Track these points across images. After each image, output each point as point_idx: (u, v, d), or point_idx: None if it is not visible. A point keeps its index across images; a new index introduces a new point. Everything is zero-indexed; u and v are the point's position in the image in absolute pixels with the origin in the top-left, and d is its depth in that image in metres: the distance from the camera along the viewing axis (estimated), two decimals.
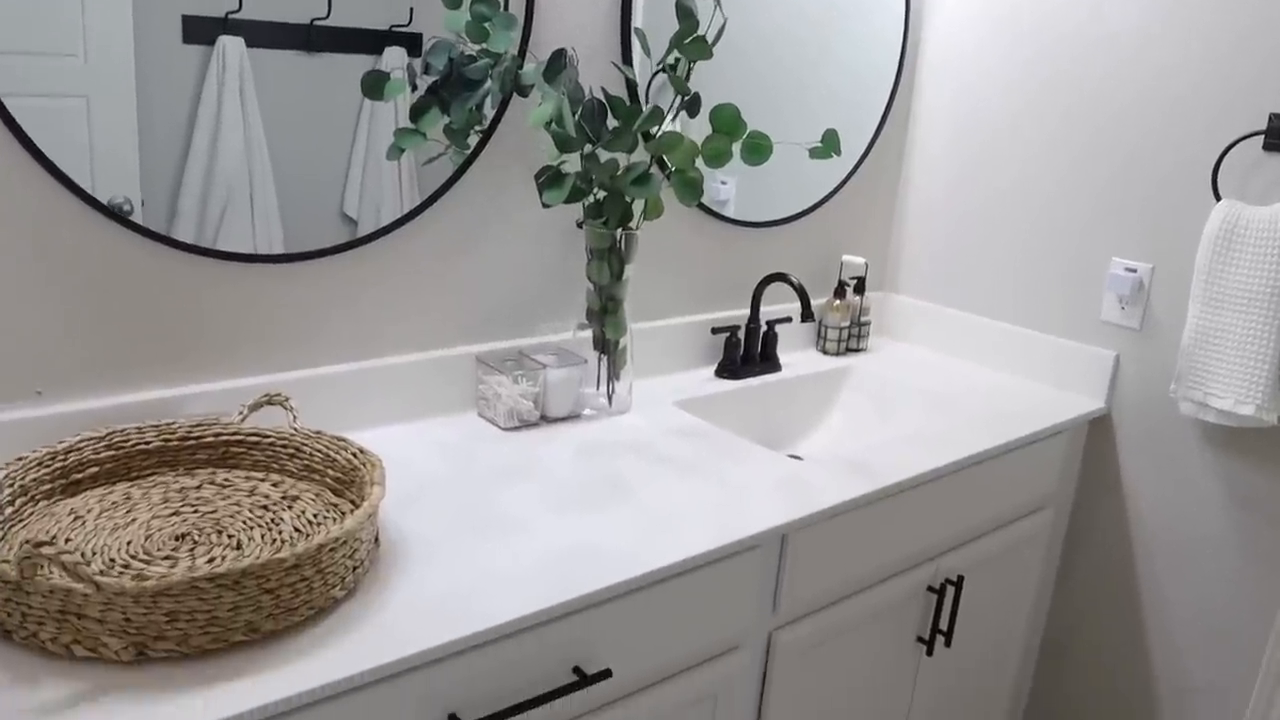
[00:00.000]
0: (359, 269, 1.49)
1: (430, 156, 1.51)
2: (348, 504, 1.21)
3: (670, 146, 1.53)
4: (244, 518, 1.15)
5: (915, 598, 1.67)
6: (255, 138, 1.34)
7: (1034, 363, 2.03)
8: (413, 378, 1.56)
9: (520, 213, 1.65)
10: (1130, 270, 1.86)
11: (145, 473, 1.23)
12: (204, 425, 1.27)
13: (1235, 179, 1.71)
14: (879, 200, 2.25)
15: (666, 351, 1.91)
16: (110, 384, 1.29)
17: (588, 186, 1.55)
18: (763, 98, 1.91)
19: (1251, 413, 1.63)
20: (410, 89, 1.46)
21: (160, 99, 1.25)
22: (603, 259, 1.61)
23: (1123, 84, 1.84)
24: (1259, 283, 1.61)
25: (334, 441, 1.25)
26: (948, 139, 2.15)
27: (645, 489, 1.39)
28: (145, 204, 1.26)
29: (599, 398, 1.69)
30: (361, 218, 1.46)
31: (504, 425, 1.58)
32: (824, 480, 1.46)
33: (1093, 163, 1.90)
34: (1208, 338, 1.68)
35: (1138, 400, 1.89)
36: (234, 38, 1.29)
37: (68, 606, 0.90)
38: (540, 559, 1.17)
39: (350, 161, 1.44)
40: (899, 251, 2.30)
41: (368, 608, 1.05)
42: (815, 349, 2.17)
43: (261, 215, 1.37)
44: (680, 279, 1.92)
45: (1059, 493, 1.97)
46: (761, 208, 2.01)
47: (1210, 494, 1.81)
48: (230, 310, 1.37)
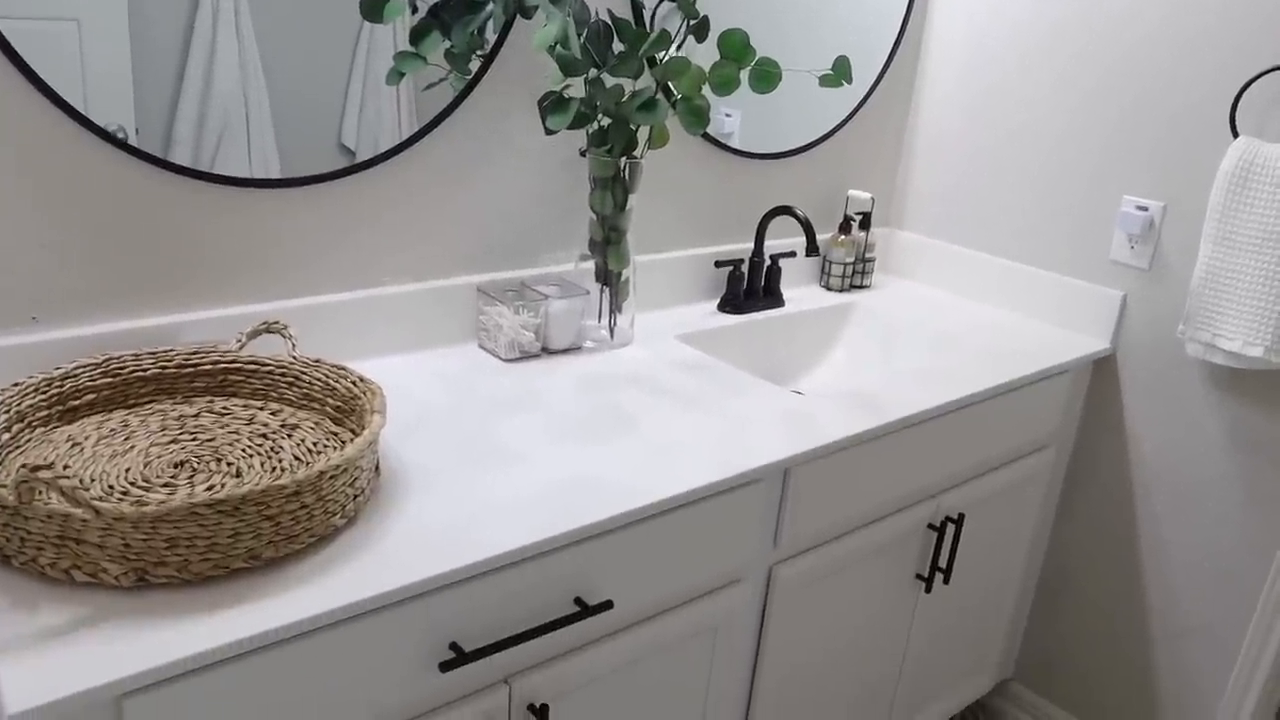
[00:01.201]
0: (357, 196, 1.46)
1: (430, 82, 1.48)
2: (348, 433, 1.20)
3: (677, 72, 1.49)
4: (243, 446, 1.14)
5: (915, 535, 1.67)
6: (250, 64, 1.30)
7: (1040, 302, 2.01)
8: (412, 308, 1.54)
9: (522, 140, 1.62)
10: (1141, 209, 1.83)
11: (143, 400, 1.22)
12: (201, 353, 1.25)
13: (1254, 116, 1.67)
14: (887, 134, 2.21)
15: (669, 284, 1.89)
16: (106, 310, 1.27)
17: (592, 113, 1.52)
18: (771, 26, 1.87)
19: (1260, 354, 1.61)
20: (410, 11, 1.42)
21: (153, 23, 1.21)
22: (606, 188, 1.58)
23: (1137, 18, 1.79)
24: (1274, 223, 1.58)
25: (333, 370, 1.23)
26: (959, 73, 2.11)
27: (647, 421, 1.38)
28: (140, 131, 1.23)
29: (600, 330, 1.67)
30: (360, 147, 1.43)
31: (505, 356, 1.56)
32: (827, 415, 1.45)
33: (1105, 100, 1.87)
34: (1218, 278, 1.66)
35: (1144, 341, 1.87)
36: None
37: (66, 532, 0.89)
38: (541, 489, 1.17)
39: (348, 88, 1.40)
40: (905, 187, 2.26)
41: (369, 536, 1.04)
42: (819, 285, 2.15)
43: (258, 143, 1.34)
44: (684, 211, 1.89)
45: (1061, 432, 1.97)
46: (767, 140, 1.97)
47: (1213, 436, 1.80)
48: (227, 236, 1.35)
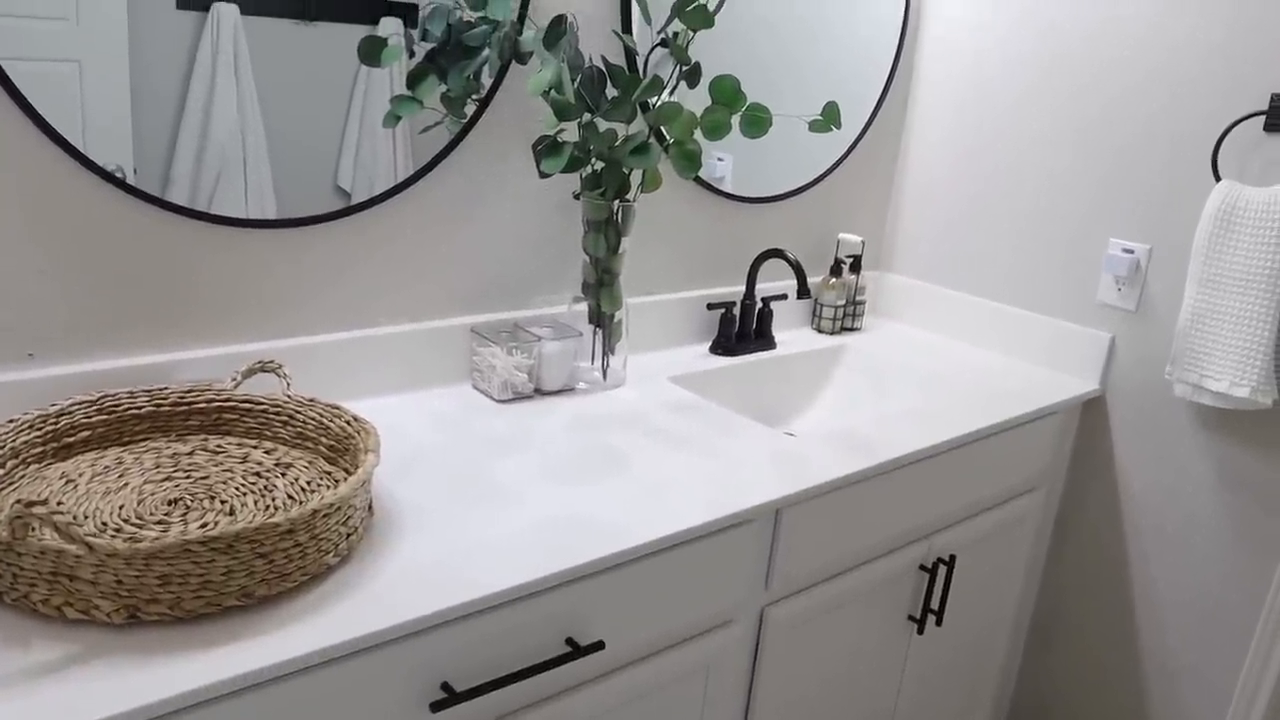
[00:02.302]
0: (353, 237, 1.47)
1: (427, 125, 1.50)
2: (341, 472, 1.20)
3: (669, 117, 1.52)
4: (237, 484, 1.14)
5: (907, 576, 1.68)
6: (249, 106, 1.32)
7: (1029, 344, 2.03)
8: (407, 348, 1.55)
9: (517, 183, 1.64)
10: (1128, 251, 1.85)
11: (137, 438, 1.22)
12: (197, 391, 1.26)
13: (1235, 160, 1.70)
14: (876, 179, 2.24)
15: (662, 326, 1.91)
16: (102, 348, 1.28)
17: (586, 156, 1.54)
18: (762, 73, 1.90)
19: (1247, 395, 1.63)
20: (407, 55, 1.44)
21: (153, 65, 1.23)
22: (599, 231, 1.60)
23: (1126, 66, 1.83)
24: (1257, 264, 1.61)
25: (328, 409, 1.24)
26: (947, 119, 2.14)
27: (639, 462, 1.39)
28: (138, 171, 1.25)
29: (593, 371, 1.68)
30: (355, 189, 1.45)
31: (498, 397, 1.57)
32: (818, 456, 1.46)
33: (1093, 144, 1.90)
34: (1204, 319, 1.68)
35: (1132, 382, 1.89)
36: (228, 4, 1.27)
37: (59, 568, 0.89)
38: (534, 529, 1.17)
39: (345, 131, 1.42)
40: (895, 230, 2.29)
41: (361, 574, 1.04)
42: (810, 327, 2.17)
43: (255, 184, 1.35)
44: (677, 254, 1.91)
45: (1051, 473, 1.98)
46: (759, 183, 2.00)
47: (1202, 476, 1.81)
48: (224, 276, 1.36)
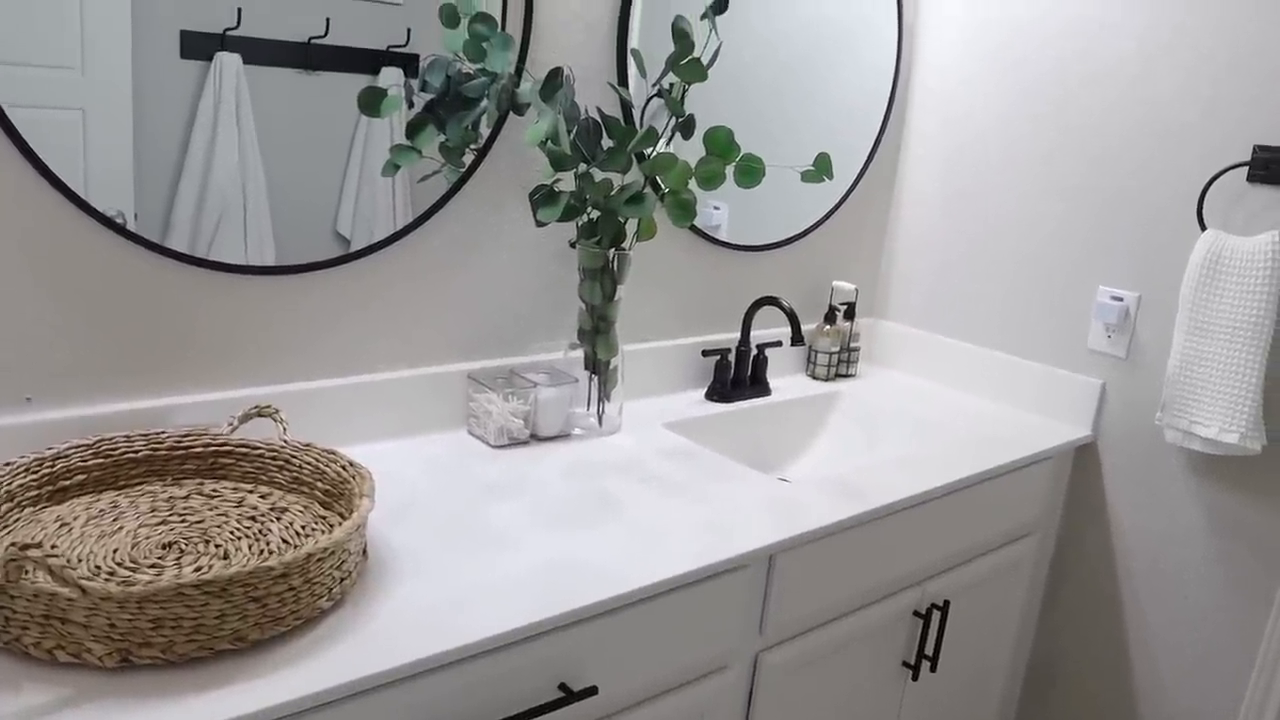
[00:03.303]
0: (351, 284, 1.49)
1: (425, 174, 1.52)
2: (336, 516, 1.21)
3: (664, 167, 1.54)
4: (231, 528, 1.15)
5: (901, 622, 1.67)
6: (250, 154, 1.34)
7: (1021, 390, 2.04)
8: (404, 394, 1.56)
9: (514, 231, 1.66)
10: (1117, 299, 1.87)
11: (133, 482, 1.23)
12: (193, 435, 1.27)
13: (1220, 210, 1.73)
14: (869, 228, 2.27)
15: (657, 373, 1.92)
16: (100, 392, 1.29)
17: (582, 205, 1.56)
18: (755, 125, 1.93)
19: (1236, 441, 1.64)
20: (407, 106, 1.47)
21: (156, 113, 1.26)
22: (595, 279, 1.62)
23: (1112, 118, 1.86)
24: (1243, 312, 1.63)
25: (324, 454, 1.25)
26: (939, 169, 2.18)
27: (633, 508, 1.39)
28: (139, 217, 1.27)
29: (589, 417, 1.69)
30: (354, 236, 1.47)
31: (494, 443, 1.58)
32: (811, 501, 1.46)
33: (1082, 194, 1.93)
34: (1192, 366, 1.69)
35: (1123, 428, 1.90)
36: (231, 54, 1.30)
37: (52, 611, 0.90)
38: (528, 574, 1.17)
39: (344, 180, 1.44)
40: (889, 278, 2.31)
41: (354, 619, 1.04)
42: (805, 374, 2.18)
43: (254, 231, 1.37)
44: (672, 301, 1.93)
45: (1044, 519, 1.98)
46: (753, 232, 2.02)
47: (1194, 522, 1.81)
48: (221, 321, 1.37)
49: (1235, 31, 1.69)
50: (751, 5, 1.85)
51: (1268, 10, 1.65)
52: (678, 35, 1.51)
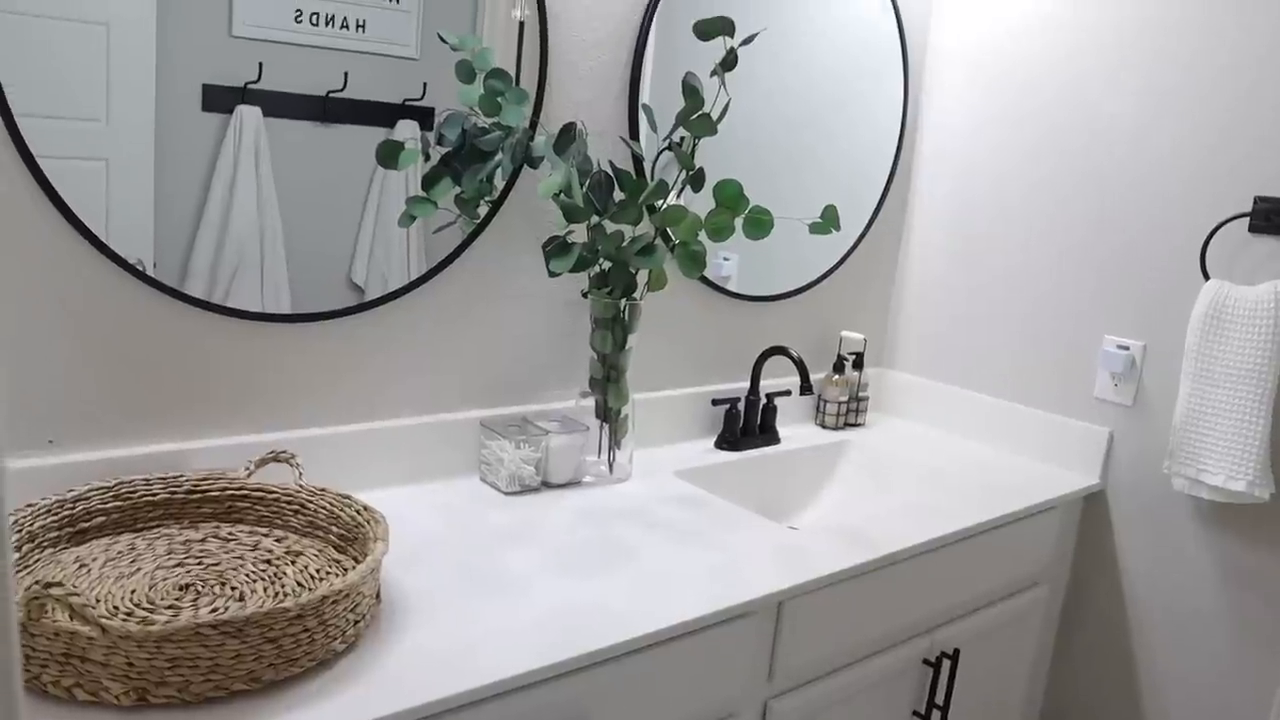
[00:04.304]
0: (367, 332, 1.52)
1: (441, 225, 1.55)
2: (350, 560, 1.22)
3: (675, 219, 1.57)
4: (247, 571, 1.16)
5: (911, 670, 1.67)
6: (268, 204, 1.38)
7: (1029, 439, 2.05)
8: (417, 440, 1.58)
9: (527, 281, 1.69)
10: (1122, 348, 1.89)
11: (151, 524, 1.25)
12: (210, 479, 1.29)
13: (1223, 259, 1.75)
14: (877, 278, 2.30)
15: (667, 422, 1.94)
16: (120, 435, 1.31)
17: (593, 256, 1.59)
18: (764, 178, 1.97)
19: (1243, 489, 1.65)
20: (423, 159, 1.50)
21: (177, 164, 1.29)
22: (607, 329, 1.64)
23: (1116, 170, 1.90)
24: (1247, 360, 1.64)
25: (338, 499, 1.26)
26: (946, 221, 2.21)
27: (643, 554, 1.40)
28: (158, 265, 1.30)
29: (600, 465, 1.71)
30: (369, 285, 1.50)
31: (506, 490, 1.60)
32: (820, 549, 1.47)
33: (1087, 245, 1.95)
34: (1199, 415, 1.70)
35: (1132, 476, 1.91)
36: (252, 107, 1.34)
37: (72, 649, 0.91)
38: (538, 620, 1.18)
39: (359, 230, 1.48)
40: (897, 328, 2.33)
41: (367, 661, 1.05)
42: (814, 423, 2.20)
43: (271, 279, 1.40)
44: (682, 350, 1.95)
45: (1055, 568, 1.98)
46: (762, 283, 2.05)
47: (1205, 571, 1.81)
48: (239, 367, 1.40)
49: (1235, 84, 1.72)
50: (760, 61, 1.89)
51: (1267, 63, 1.68)
52: (688, 91, 1.55)
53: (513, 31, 1.56)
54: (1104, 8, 1.90)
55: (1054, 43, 1.98)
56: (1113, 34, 1.89)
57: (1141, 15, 1.84)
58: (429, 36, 1.47)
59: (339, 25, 1.38)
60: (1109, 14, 1.89)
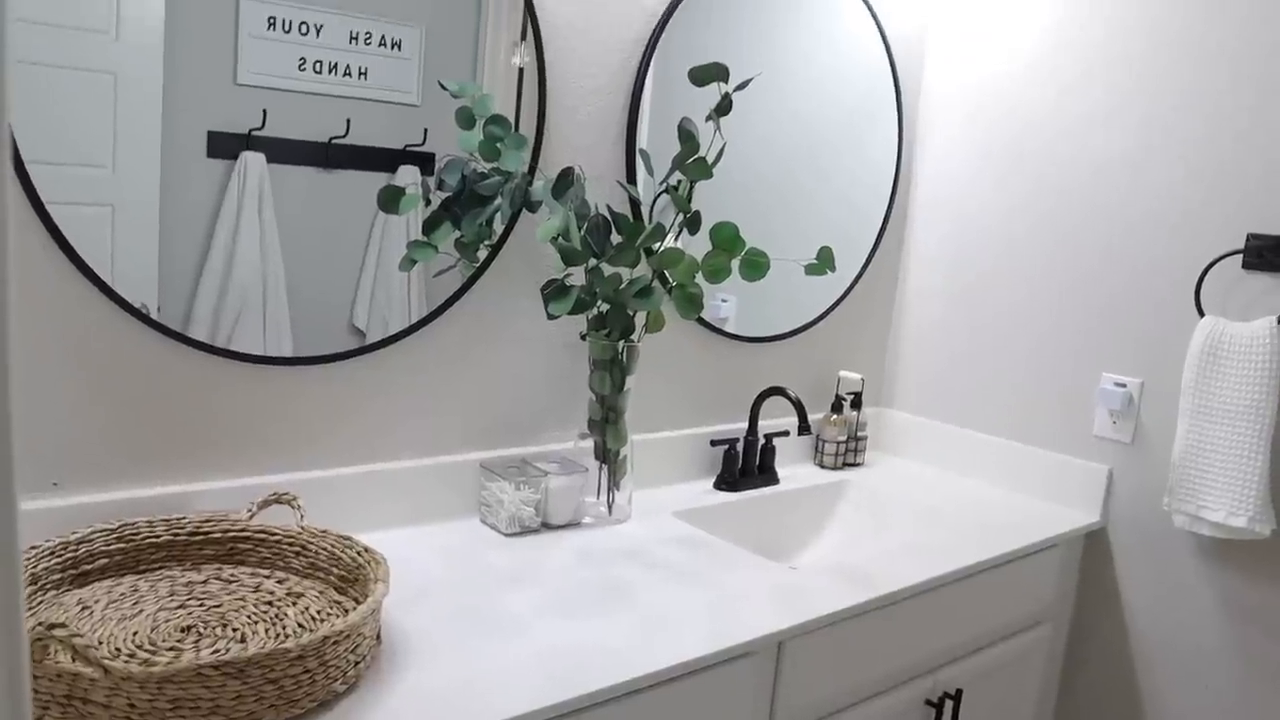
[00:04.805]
0: (368, 374, 1.53)
1: (441, 269, 1.57)
2: (351, 601, 1.22)
3: (672, 262, 1.59)
4: (248, 612, 1.16)
5: (914, 710, 1.66)
6: (271, 249, 1.40)
7: (1029, 477, 2.06)
8: (417, 482, 1.59)
9: (526, 324, 1.70)
10: (1120, 385, 1.90)
11: (153, 566, 1.25)
12: (212, 521, 1.29)
13: (1218, 296, 1.77)
14: (875, 318, 2.32)
15: (666, 462, 1.94)
16: (124, 478, 1.32)
17: (592, 299, 1.60)
18: (760, 221, 1.99)
19: (1244, 524, 1.65)
20: (424, 204, 1.52)
21: (182, 209, 1.31)
22: (605, 370, 1.65)
23: (1111, 210, 1.92)
24: (1244, 396, 1.65)
25: (339, 540, 1.27)
26: (942, 262, 2.23)
27: (643, 595, 1.40)
28: (162, 309, 1.31)
29: (599, 506, 1.71)
30: (370, 328, 1.51)
31: (506, 531, 1.60)
32: (820, 589, 1.47)
33: (1083, 284, 1.97)
34: (1198, 451, 1.71)
35: (1132, 514, 1.91)
36: (255, 154, 1.36)
37: (74, 691, 0.91)
38: (538, 660, 1.18)
39: (361, 274, 1.49)
40: (895, 368, 2.35)
41: (368, 702, 1.06)
42: (813, 463, 2.20)
43: (273, 323, 1.42)
44: (680, 391, 1.97)
45: (1057, 607, 1.97)
46: (760, 324, 2.07)
47: (1208, 607, 1.81)
48: (241, 410, 1.41)
49: (1228, 126, 1.75)
50: (755, 105, 1.93)
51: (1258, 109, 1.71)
52: (684, 136, 1.57)
53: (512, 78, 1.59)
54: (1095, 50, 1.93)
55: (1046, 84, 2.01)
56: (1105, 76, 1.92)
57: (1133, 58, 1.88)
58: (430, 83, 1.50)
59: (342, 73, 1.41)
60: (1101, 56, 1.93)
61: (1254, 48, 1.71)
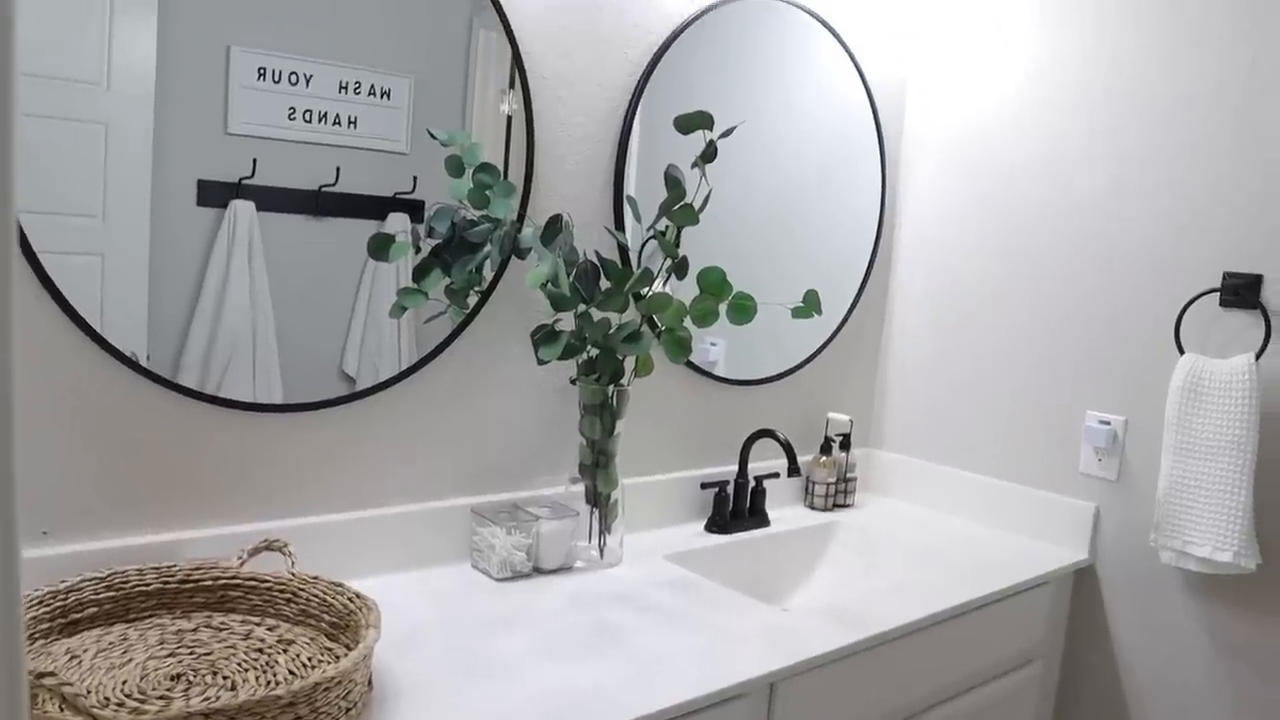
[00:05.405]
0: (358, 421, 1.54)
1: (431, 315, 1.58)
2: (342, 648, 1.22)
3: (660, 306, 1.61)
4: (239, 660, 1.16)
5: None
6: (260, 296, 1.41)
7: (1016, 515, 2.07)
8: (408, 528, 1.59)
9: (516, 369, 1.71)
10: (1104, 423, 1.92)
11: (143, 614, 1.25)
12: (203, 569, 1.29)
13: (1197, 334, 1.79)
14: (862, 360, 2.34)
15: (657, 505, 1.95)
16: (114, 526, 1.32)
17: (581, 344, 1.62)
18: (747, 265, 2.01)
19: (1230, 559, 1.66)
20: (414, 251, 1.54)
21: (172, 257, 1.32)
22: (595, 415, 1.66)
23: (1092, 250, 1.95)
24: (1225, 432, 1.67)
25: (330, 587, 1.27)
26: (927, 305, 2.25)
27: (635, 638, 1.40)
28: (151, 357, 1.32)
29: (590, 550, 1.71)
30: (360, 375, 1.52)
31: (497, 576, 1.60)
32: (811, 630, 1.47)
33: (1066, 323, 2.00)
34: (1182, 487, 1.72)
35: (1120, 550, 1.92)
36: (245, 202, 1.38)
37: None
38: (530, 705, 1.18)
39: (351, 321, 1.50)
40: (883, 409, 2.36)
41: None
42: (803, 504, 2.21)
43: (263, 370, 1.42)
44: (670, 435, 1.97)
45: (1047, 645, 1.97)
46: (749, 367, 2.08)
47: (1197, 643, 1.81)
48: (232, 457, 1.41)
49: (1204, 168, 1.78)
50: (740, 151, 1.96)
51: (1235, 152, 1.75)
52: (670, 183, 1.60)
53: (500, 126, 1.62)
54: (1073, 94, 1.97)
55: (1026, 127, 2.05)
56: (1084, 119, 1.96)
57: (1111, 102, 1.92)
58: (419, 132, 1.52)
59: (331, 122, 1.43)
60: (1079, 100, 1.97)
61: (1228, 92, 1.75)
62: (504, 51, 1.61)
